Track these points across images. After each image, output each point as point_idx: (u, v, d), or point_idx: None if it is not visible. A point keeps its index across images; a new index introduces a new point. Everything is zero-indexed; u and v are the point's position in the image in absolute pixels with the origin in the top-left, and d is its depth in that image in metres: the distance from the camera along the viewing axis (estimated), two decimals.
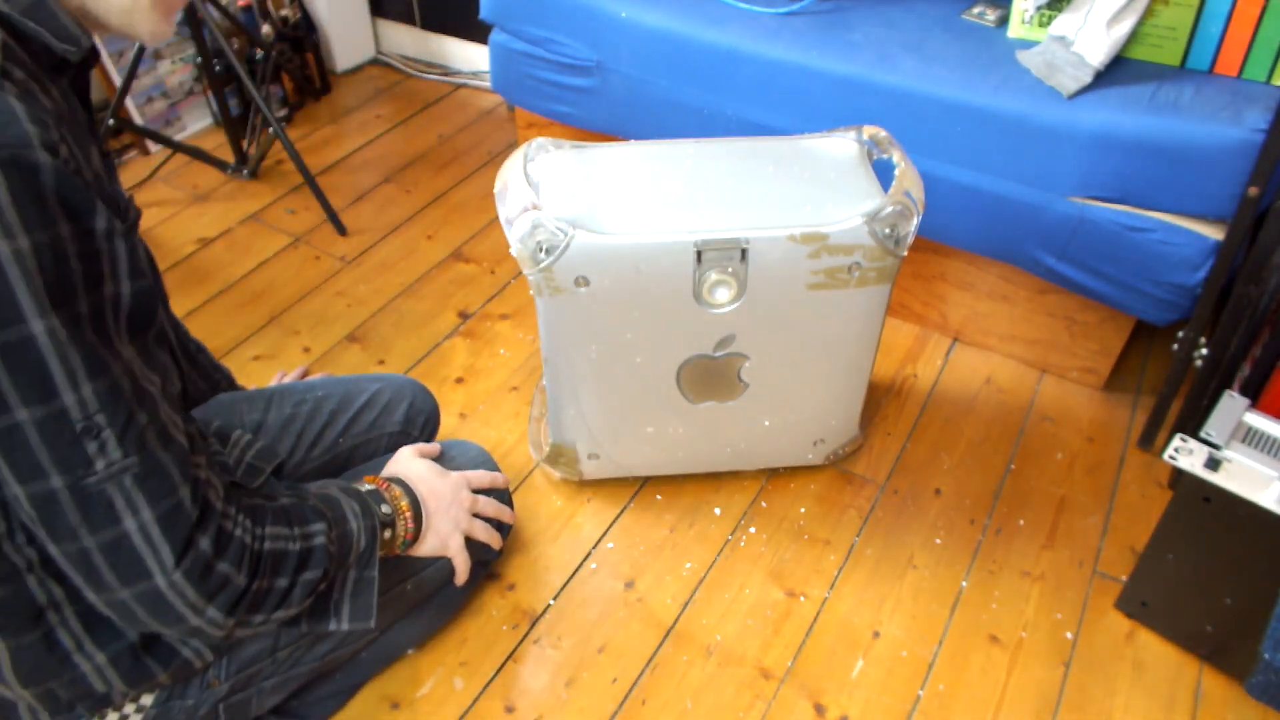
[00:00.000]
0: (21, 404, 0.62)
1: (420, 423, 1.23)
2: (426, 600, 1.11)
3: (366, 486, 0.97)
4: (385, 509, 0.95)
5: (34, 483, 0.65)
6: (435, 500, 1.03)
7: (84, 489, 0.65)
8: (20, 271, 0.59)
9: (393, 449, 1.21)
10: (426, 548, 1.03)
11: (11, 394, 0.61)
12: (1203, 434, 1.06)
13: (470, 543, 1.10)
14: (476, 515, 1.10)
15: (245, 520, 0.76)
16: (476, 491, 1.12)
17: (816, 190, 1.14)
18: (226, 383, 1.20)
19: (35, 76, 0.66)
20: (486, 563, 1.18)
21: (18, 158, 0.59)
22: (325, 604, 0.89)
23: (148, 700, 0.88)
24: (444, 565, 1.08)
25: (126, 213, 0.73)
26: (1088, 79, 1.28)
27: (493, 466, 1.17)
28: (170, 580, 0.70)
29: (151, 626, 0.72)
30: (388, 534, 0.95)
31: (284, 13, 2.20)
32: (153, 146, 2.10)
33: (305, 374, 1.42)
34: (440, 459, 1.14)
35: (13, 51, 0.65)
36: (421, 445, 1.12)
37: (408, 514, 0.99)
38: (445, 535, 1.04)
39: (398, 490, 1.00)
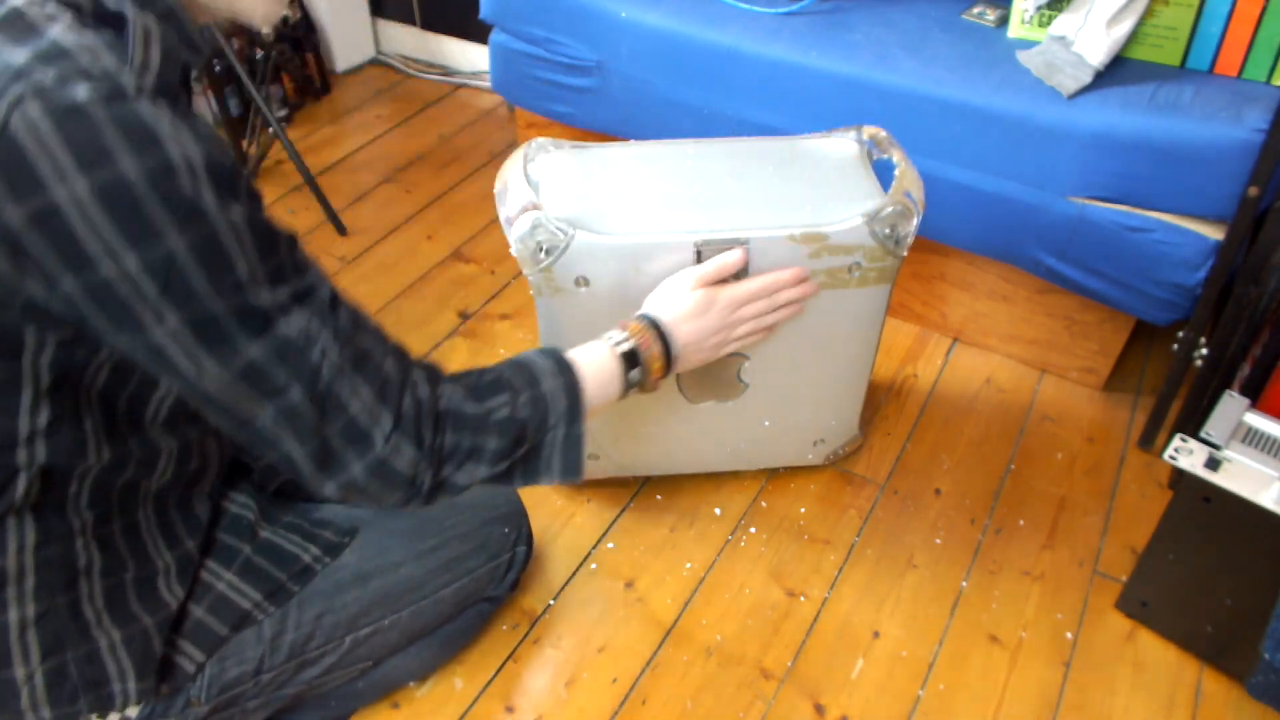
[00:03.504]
0: (250, 340, 0.68)
1: None
2: (428, 633, 1.08)
3: (622, 345, 0.97)
4: (635, 374, 0.97)
5: (280, 399, 0.71)
6: (691, 346, 1.03)
7: (319, 393, 0.72)
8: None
9: None
10: (682, 369, 1.05)
11: (239, 336, 0.68)
12: (1203, 434, 1.06)
13: (476, 581, 1.08)
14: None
15: (425, 381, 0.81)
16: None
17: (816, 190, 1.14)
18: None
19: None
20: (494, 599, 1.15)
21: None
22: (536, 462, 0.90)
23: (132, 713, 0.87)
24: (442, 597, 1.05)
25: None
26: (1088, 79, 1.28)
27: (512, 493, 1.15)
28: (389, 444, 0.76)
29: (374, 494, 0.78)
30: (633, 391, 0.98)
31: (284, 13, 2.20)
32: None
33: None
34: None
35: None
36: (712, 266, 1.06)
37: (658, 362, 1.00)
38: (705, 359, 1.06)
39: (655, 347, 0.99)
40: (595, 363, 0.94)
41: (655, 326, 1.01)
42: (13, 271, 0.61)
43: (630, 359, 0.97)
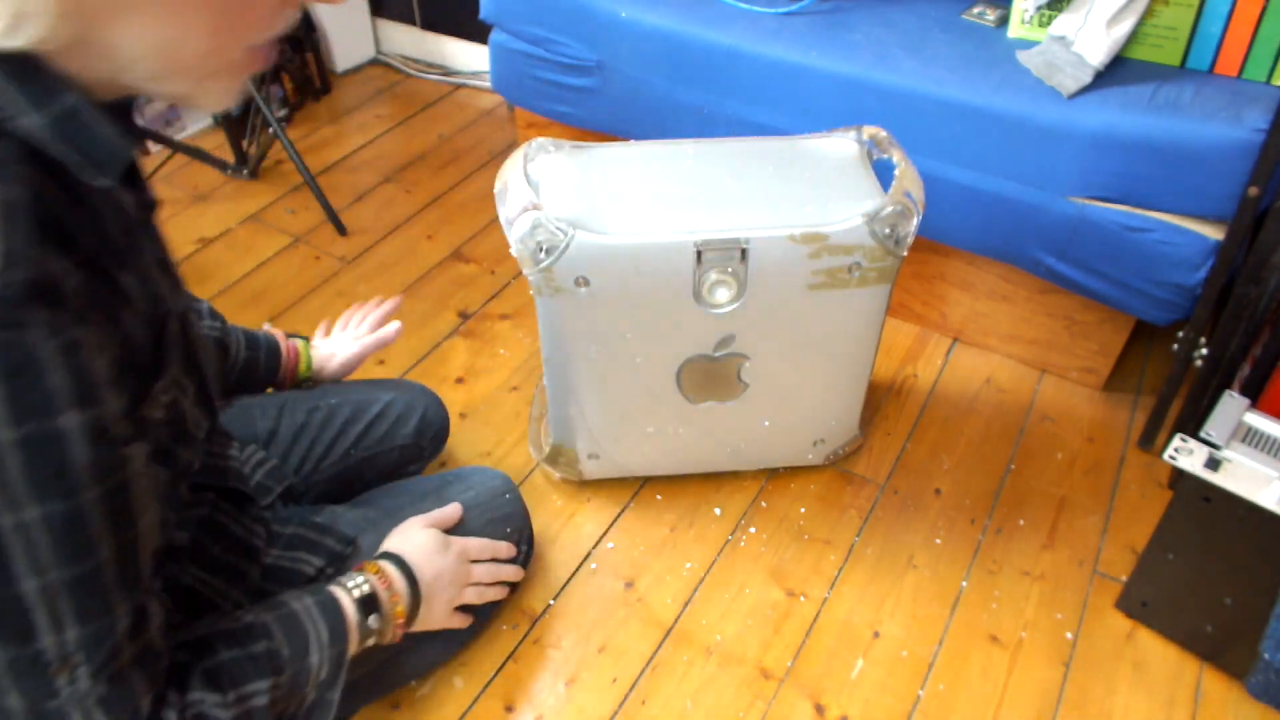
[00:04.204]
0: None
1: (430, 435, 1.23)
2: (431, 635, 1.07)
3: (360, 588, 0.90)
4: (373, 621, 0.90)
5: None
6: (436, 584, 0.99)
7: (43, 711, 0.62)
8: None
9: (403, 462, 1.21)
10: (415, 627, 0.98)
11: None
12: (1203, 434, 1.06)
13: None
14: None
15: (173, 700, 0.70)
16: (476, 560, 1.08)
17: (816, 190, 1.14)
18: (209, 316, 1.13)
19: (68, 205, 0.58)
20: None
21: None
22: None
23: None
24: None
25: (160, 370, 0.68)
26: (1088, 79, 1.28)
27: (514, 492, 1.16)
28: None
29: None
30: (371, 641, 0.91)
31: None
32: (153, 146, 2.10)
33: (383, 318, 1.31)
34: (456, 483, 1.13)
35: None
36: (436, 515, 1.06)
37: (401, 604, 0.94)
38: (437, 616, 1.01)
39: (398, 585, 0.94)
40: (350, 619, 0.87)
41: (399, 563, 0.96)
42: None
43: (367, 604, 0.89)
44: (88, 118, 0.57)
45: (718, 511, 1.35)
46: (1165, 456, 1.05)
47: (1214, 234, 1.23)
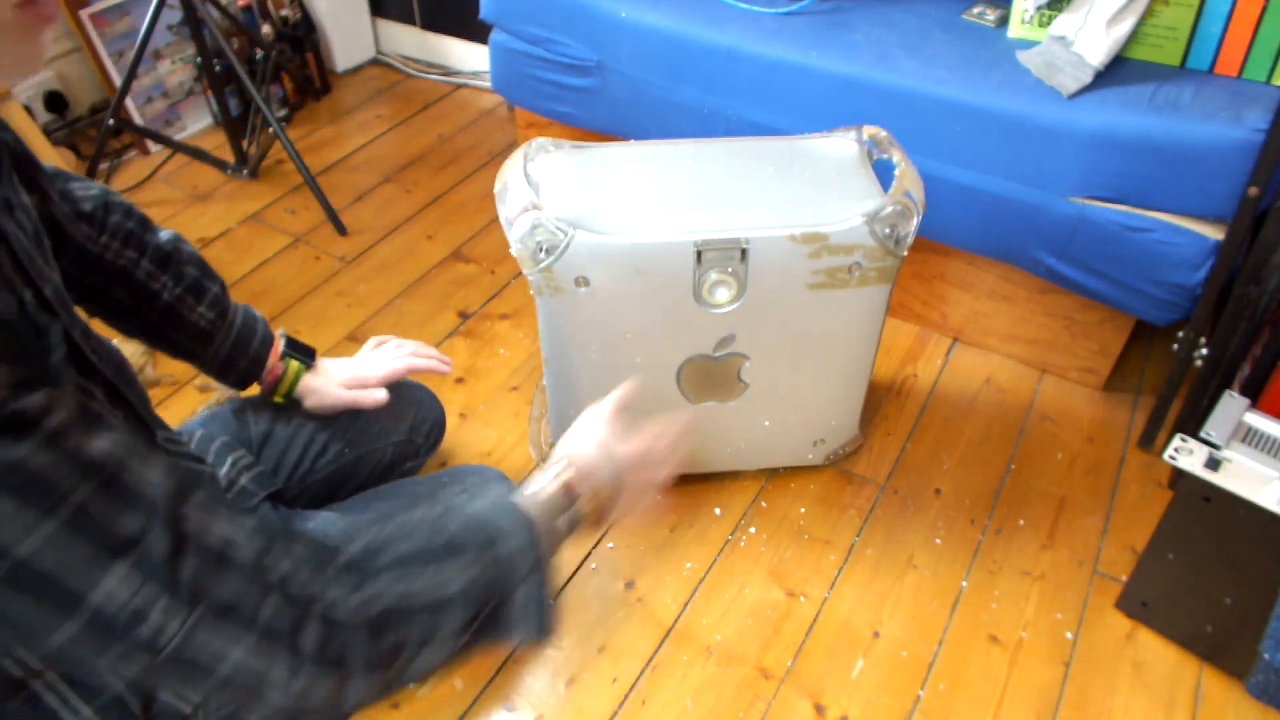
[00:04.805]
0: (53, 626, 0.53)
1: (425, 430, 1.23)
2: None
3: (548, 487, 0.84)
4: (549, 478, 0.84)
5: (113, 678, 0.58)
6: (633, 473, 0.89)
7: (160, 665, 0.57)
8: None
9: (397, 459, 1.21)
10: (613, 518, 0.89)
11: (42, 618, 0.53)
12: (1203, 434, 1.06)
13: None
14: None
15: (345, 586, 0.66)
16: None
17: (816, 190, 1.14)
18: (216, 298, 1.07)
19: None
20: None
21: None
22: (496, 624, 0.78)
23: None
24: None
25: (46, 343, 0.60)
26: (1088, 79, 1.28)
27: (510, 489, 1.13)
28: (292, 687, 0.62)
29: None
30: (578, 504, 0.84)
31: (284, 13, 2.20)
32: (153, 146, 2.10)
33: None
34: (452, 484, 1.11)
35: None
36: (610, 400, 0.94)
37: (591, 504, 0.86)
38: (633, 504, 0.90)
39: (587, 466, 0.86)
40: (547, 505, 0.82)
41: (583, 455, 0.88)
42: None
43: (568, 490, 0.84)
44: None
45: (718, 511, 1.35)
46: (1165, 456, 1.05)
47: (1214, 234, 1.23)
